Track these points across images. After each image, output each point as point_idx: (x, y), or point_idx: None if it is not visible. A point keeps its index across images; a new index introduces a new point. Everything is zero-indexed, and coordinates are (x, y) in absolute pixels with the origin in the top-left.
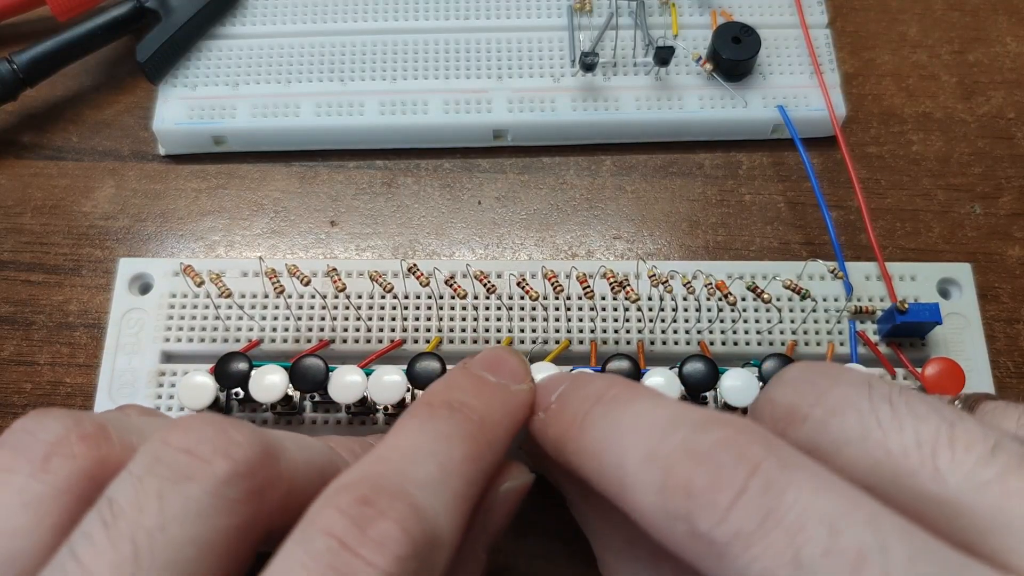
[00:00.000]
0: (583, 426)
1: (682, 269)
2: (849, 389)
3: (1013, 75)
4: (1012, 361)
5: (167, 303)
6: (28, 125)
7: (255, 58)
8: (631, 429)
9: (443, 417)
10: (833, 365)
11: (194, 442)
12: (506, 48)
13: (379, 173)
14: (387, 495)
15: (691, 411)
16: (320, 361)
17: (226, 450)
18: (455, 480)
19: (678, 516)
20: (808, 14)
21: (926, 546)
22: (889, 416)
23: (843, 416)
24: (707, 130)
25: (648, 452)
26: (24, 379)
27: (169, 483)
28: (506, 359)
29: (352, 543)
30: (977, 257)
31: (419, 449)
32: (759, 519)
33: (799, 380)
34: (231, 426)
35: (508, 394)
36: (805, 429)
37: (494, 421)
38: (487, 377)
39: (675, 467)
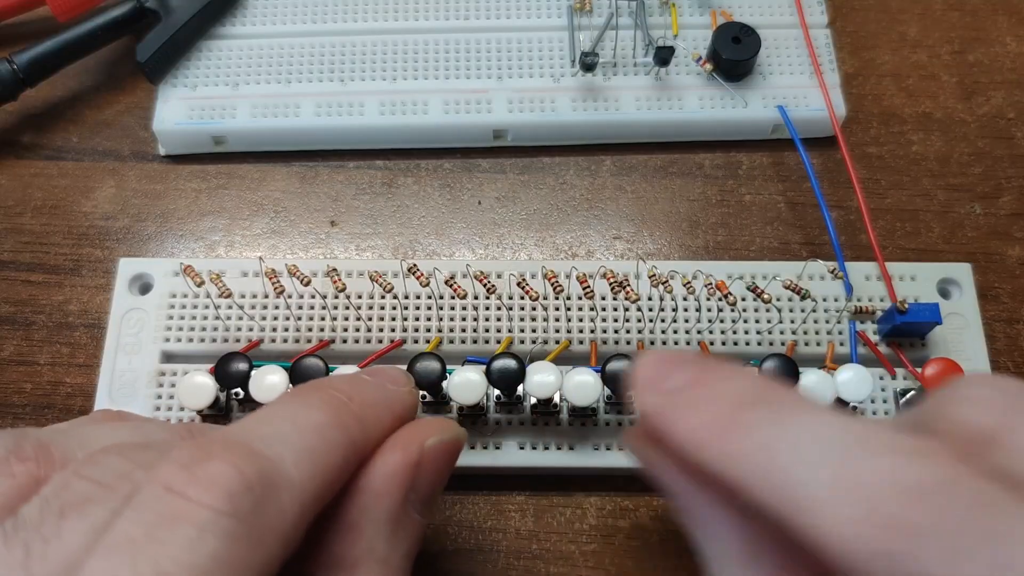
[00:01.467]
0: (734, 427)
1: (682, 269)
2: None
3: (1013, 75)
4: (1012, 361)
5: (167, 303)
6: (28, 125)
7: (255, 58)
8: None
9: (307, 392)
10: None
11: (102, 473)
12: (506, 48)
13: (379, 173)
14: (223, 444)
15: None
16: (320, 361)
17: (132, 475)
18: (309, 435)
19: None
20: (808, 14)
21: None
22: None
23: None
24: (707, 130)
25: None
26: (24, 379)
27: (72, 504)
28: (385, 369)
29: (178, 486)
30: (977, 257)
31: (274, 413)
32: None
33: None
34: (140, 453)
35: (383, 389)
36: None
37: (363, 400)
38: (363, 376)
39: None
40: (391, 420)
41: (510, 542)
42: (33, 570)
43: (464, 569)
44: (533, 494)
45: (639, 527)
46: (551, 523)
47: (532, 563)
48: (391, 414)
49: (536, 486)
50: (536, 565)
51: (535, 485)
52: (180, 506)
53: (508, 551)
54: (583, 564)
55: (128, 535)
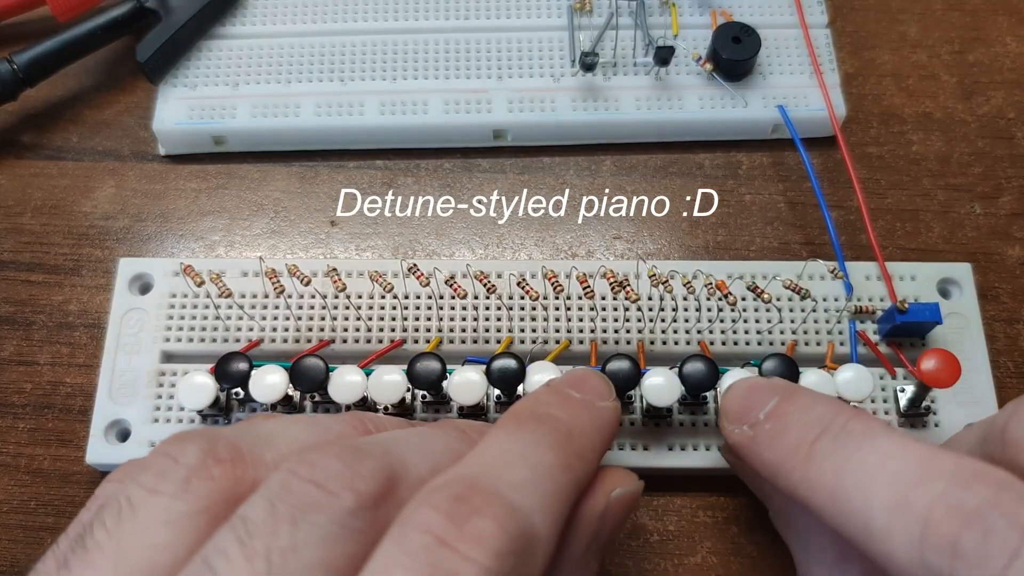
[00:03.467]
0: (811, 456)
1: (682, 269)
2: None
3: (1013, 75)
4: (1012, 361)
5: (167, 303)
6: (28, 125)
7: (255, 58)
8: (875, 470)
9: (530, 428)
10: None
11: (321, 476)
12: (506, 48)
13: (379, 173)
14: (481, 493)
15: (943, 457)
16: (320, 361)
17: (352, 484)
18: (547, 484)
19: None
20: (808, 14)
21: None
22: None
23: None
24: (707, 130)
25: (900, 500)
26: (24, 379)
27: (300, 510)
28: (589, 378)
29: (450, 539)
30: (977, 257)
31: (510, 454)
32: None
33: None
34: (357, 460)
35: (594, 409)
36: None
37: (582, 431)
38: (571, 393)
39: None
40: (604, 449)
41: None
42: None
43: None
44: None
45: (639, 527)
46: None
47: None
48: (604, 443)
49: None
50: None
51: None
52: (453, 560)
53: None
54: None
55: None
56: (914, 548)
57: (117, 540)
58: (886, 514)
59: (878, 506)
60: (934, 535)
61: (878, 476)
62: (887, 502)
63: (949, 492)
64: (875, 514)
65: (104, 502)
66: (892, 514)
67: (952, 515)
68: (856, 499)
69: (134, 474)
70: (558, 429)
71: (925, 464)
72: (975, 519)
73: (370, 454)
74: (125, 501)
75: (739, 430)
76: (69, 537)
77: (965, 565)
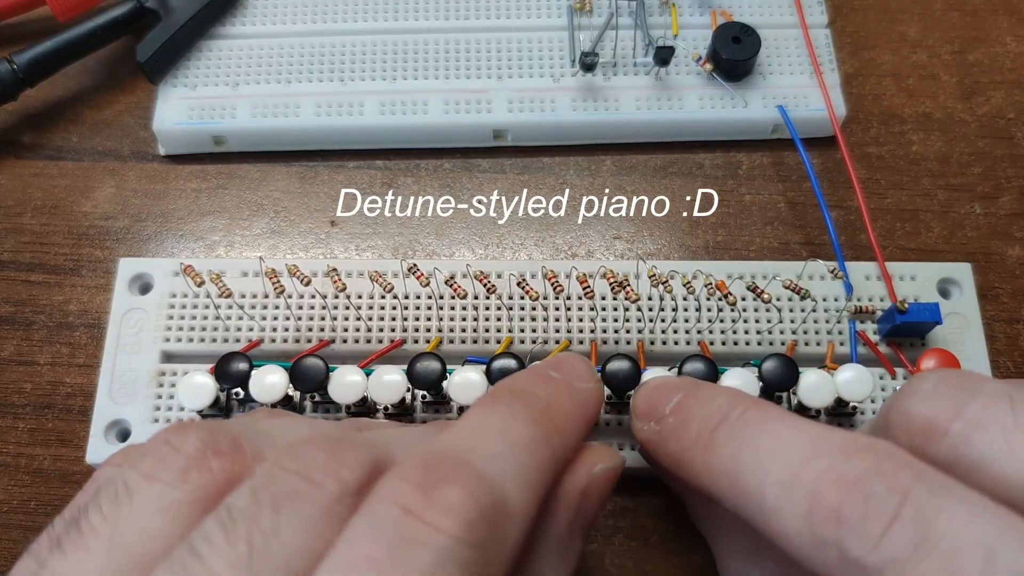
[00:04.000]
0: (710, 445)
1: (682, 269)
2: (990, 401)
3: (1013, 75)
4: (1012, 361)
5: (167, 303)
6: (28, 125)
7: (255, 58)
8: (768, 451)
9: (507, 402)
10: (968, 374)
11: (306, 467)
12: (506, 48)
13: (379, 173)
14: (452, 463)
15: (830, 435)
16: (320, 361)
17: (336, 473)
18: (523, 455)
19: (828, 542)
20: (808, 14)
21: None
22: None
23: (986, 431)
24: (707, 130)
25: (790, 477)
26: (24, 379)
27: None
28: (570, 360)
29: (417, 508)
30: (977, 257)
31: (485, 427)
32: (913, 546)
33: (936, 392)
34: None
35: (573, 388)
36: (946, 444)
37: (560, 408)
38: (551, 373)
39: (823, 494)
40: (584, 428)
41: None
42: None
43: None
44: None
45: (639, 527)
46: None
47: None
48: (584, 421)
49: None
50: None
51: None
52: (420, 530)
53: None
54: (583, 564)
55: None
56: (803, 521)
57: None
58: (777, 491)
59: (771, 484)
60: (820, 506)
61: (772, 457)
62: (779, 478)
63: (834, 464)
64: (768, 492)
65: (101, 485)
66: (783, 491)
67: (836, 485)
68: (751, 481)
69: (133, 459)
70: (535, 404)
71: (814, 442)
72: (856, 487)
73: (355, 444)
74: (122, 486)
75: (647, 427)
76: (64, 519)
77: (848, 532)
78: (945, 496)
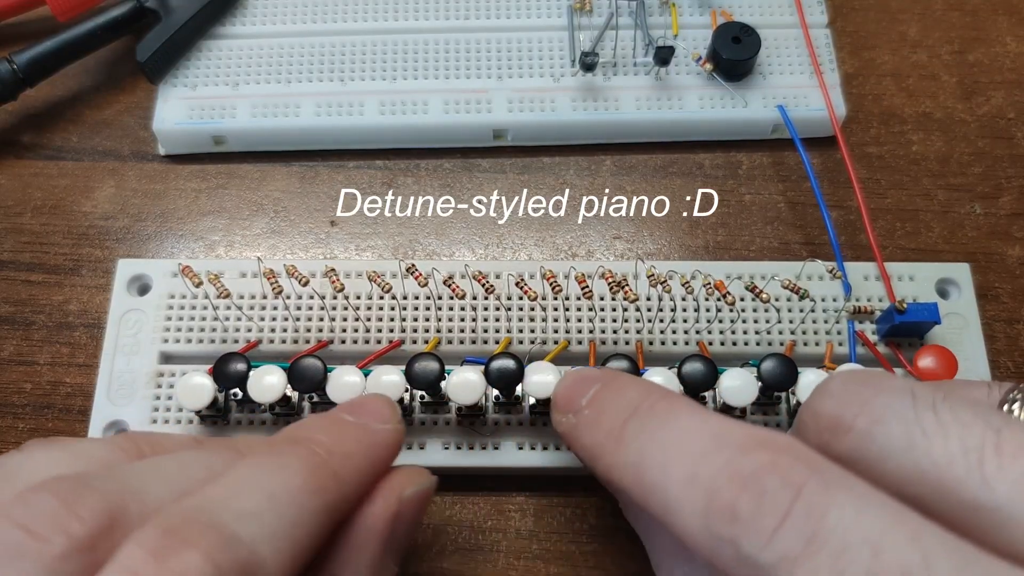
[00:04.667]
0: (620, 439)
1: (681, 269)
2: (892, 397)
3: (1013, 75)
4: (1012, 361)
5: (166, 304)
6: (28, 125)
7: (255, 58)
8: (672, 447)
9: (280, 451)
10: (875, 373)
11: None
12: (506, 48)
13: (379, 173)
14: (197, 525)
15: (732, 429)
16: (319, 362)
17: (65, 526)
18: (287, 509)
19: (723, 539)
20: (808, 14)
21: (972, 559)
22: (933, 424)
23: (887, 425)
24: (707, 130)
25: (690, 473)
26: (24, 379)
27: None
28: (369, 402)
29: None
30: (977, 257)
31: (248, 481)
32: (804, 542)
33: (842, 390)
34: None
35: (364, 431)
36: (849, 440)
37: (344, 453)
38: (344, 417)
39: (719, 491)
40: (371, 470)
41: (510, 542)
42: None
43: (464, 569)
44: (533, 494)
45: None
46: (551, 523)
47: (532, 563)
48: (371, 464)
49: (536, 486)
50: (536, 565)
51: (535, 485)
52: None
53: (508, 551)
54: (583, 564)
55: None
56: (701, 518)
57: None
58: (678, 488)
59: (673, 480)
60: (716, 503)
61: (675, 452)
62: (681, 475)
63: (732, 460)
64: (670, 488)
65: None
66: (683, 487)
67: (731, 481)
68: (656, 475)
69: None
70: (314, 452)
71: (715, 437)
72: (751, 482)
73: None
74: None
75: (564, 419)
76: None
77: (743, 529)
78: (838, 491)
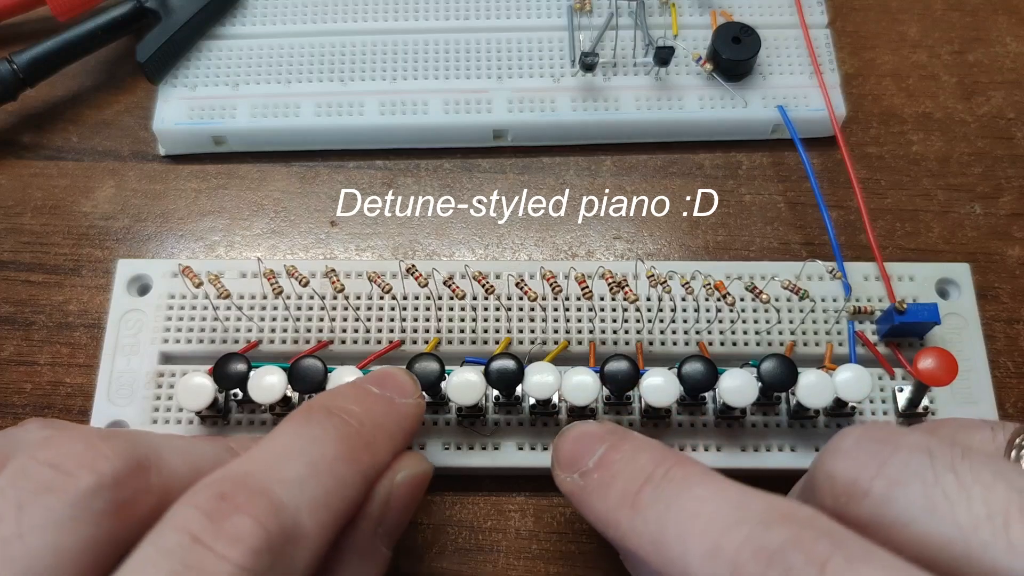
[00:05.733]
0: (635, 506)
1: (681, 269)
2: (909, 457)
3: (1013, 75)
4: (1012, 361)
5: (166, 304)
6: (28, 125)
7: (255, 58)
8: (691, 518)
9: (318, 420)
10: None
11: (60, 456)
12: (506, 48)
13: (379, 173)
14: (246, 491)
15: (752, 500)
16: (319, 362)
17: (92, 463)
18: (325, 478)
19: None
20: (808, 14)
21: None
22: (955, 487)
23: (907, 489)
24: (707, 130)
25: (712, 547)
26: (24, 379)
27: (30, 494)
28: (393, 375)
29: (205, 537)
30: (977, 257)
31: (289, 449)
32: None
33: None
34: (101, 440)
35: (392, 404)
36: (868, 504)
37: (374, 424)
38: (371, 389)
39: (743, 566)
40: (401, 441)
41: (510, 542)
42: None
43: (464, 569)
44: (533, 494)
45: None
46: (551, 523)
47: (532, 563)
48: (401, 434)
49: (536, 486)
50: (536, 565)
51: (535, 485)
52: (207, 559)
53: (508, 551)
54: (583, 564)
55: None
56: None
57: None
58: (700, 561)
59: (694, 554)
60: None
61: (695, 523)
62: (702, 549)
63: (755, 534)
64: (691, 561)
65: None
66: (705, 561)
67: (757, 557)
68: (676, 547)
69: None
70: (347, 422)
71: (736, 507)
72: (777, 559)
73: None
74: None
75: (570, 479)
76: None
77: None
78: (863, 563)
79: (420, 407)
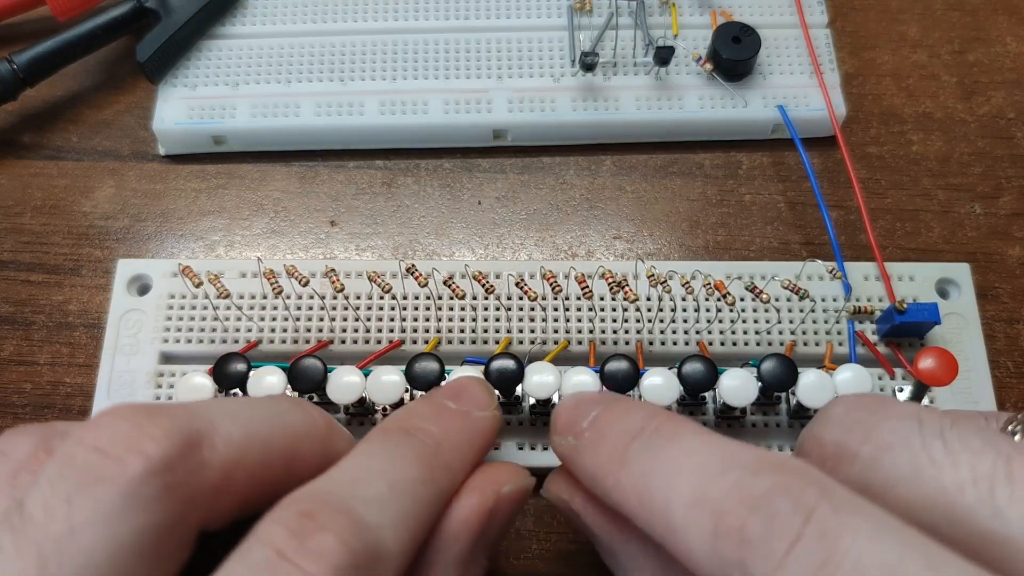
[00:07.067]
0: (623, 461)
1: (681, 269)
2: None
3: (1013, 75)
4: (1012, 361)
5: (165, 304)
6: (28, 125)
7: (255, 58)
8: (678, 468)
9: (396, 440)
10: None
11: (106, 440)
12: (506, 48)
13: (379, 173)
14: (330, 509)
15: (741, 451)
16: (319, 362)
17: (140, 447)
18: (405, 499)
19: (731, 563)
20: (808, 14)
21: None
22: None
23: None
24: (707, 130)
25: (698, 495)
26: (24, 379)
27: (79, 487)
28: (469, 387)
29: (290, 553)
30: (977, 257)
31: (370, 469)
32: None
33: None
34: (148, 418)
35: (468, 420)
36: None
37: (451, 444)
38: (448, 404)
39: (728, 513)
40: (475, 459)
41: (510, 542)
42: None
43: None
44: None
45: None
46: (551, 523)
47: (532, 563)
48: (478, 450)
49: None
50: (536, 565)
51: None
52: (291, 574)
53: (508, 551)
54: (583, 564)
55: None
56: (708, 541)
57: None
58: (685, 510)
59: (678, 503)
60: (725, 525)
61: (681, 473)
62: (687, 498)
63: (742, 481)
64: (675, 510)
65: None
66: (689, 509)
67: (742, 503)
68: (660, 499)
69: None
70: (425, 443)
71: (723, 458)
72: (762, 505)
73: (164, 413)
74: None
75: (564, 441)
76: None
77: (751, 552)
78: (851, 514)
79: (497, 419)
